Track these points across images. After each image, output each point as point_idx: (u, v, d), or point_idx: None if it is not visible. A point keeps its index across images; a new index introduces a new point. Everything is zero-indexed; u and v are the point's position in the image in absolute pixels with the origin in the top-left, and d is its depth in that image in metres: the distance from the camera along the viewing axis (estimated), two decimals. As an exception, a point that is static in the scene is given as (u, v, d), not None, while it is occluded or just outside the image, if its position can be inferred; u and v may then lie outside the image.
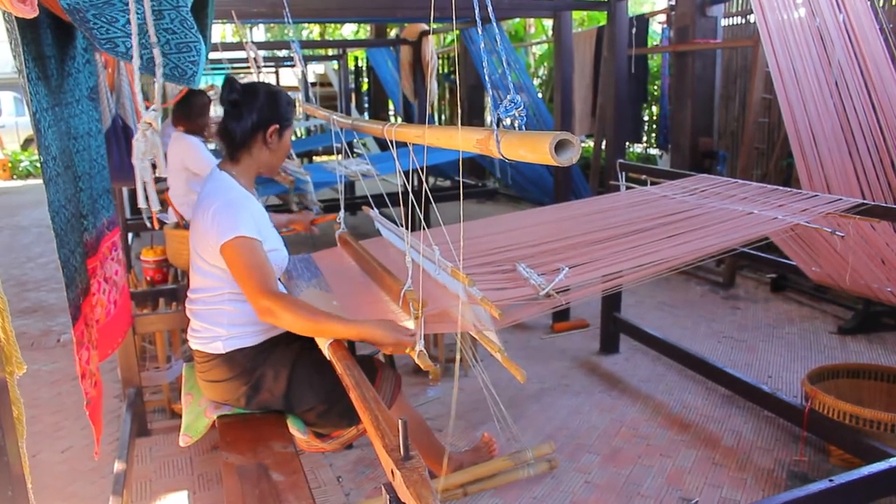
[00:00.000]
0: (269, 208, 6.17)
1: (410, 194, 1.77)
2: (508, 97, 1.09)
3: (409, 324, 1.96)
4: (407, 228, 2.06)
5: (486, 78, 1.23)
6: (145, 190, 1.25)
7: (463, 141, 1.28)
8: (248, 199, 2.19)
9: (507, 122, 1.13)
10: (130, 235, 6.39)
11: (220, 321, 2.21)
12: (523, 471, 2.67)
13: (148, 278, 4.20)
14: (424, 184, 1.85)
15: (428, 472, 1.34)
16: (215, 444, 3.11)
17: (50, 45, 1.89)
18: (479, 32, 1.22)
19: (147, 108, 1.27)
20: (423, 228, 2.12)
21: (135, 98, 3.05)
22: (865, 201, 2.51)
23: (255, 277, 2.01)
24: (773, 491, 2.76)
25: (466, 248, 2.34)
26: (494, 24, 1.15)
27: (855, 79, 3.18)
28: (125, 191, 5.40)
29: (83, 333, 1.83)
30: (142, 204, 1.26)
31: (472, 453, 2.69)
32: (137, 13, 1.47)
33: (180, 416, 2.41)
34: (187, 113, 4.04)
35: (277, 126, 2.23)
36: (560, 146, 1.00)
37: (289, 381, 2.22)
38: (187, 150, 3.89)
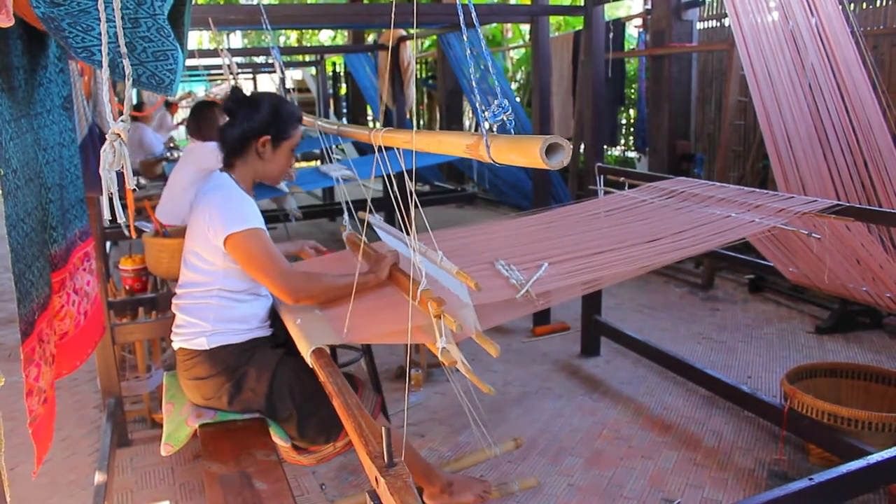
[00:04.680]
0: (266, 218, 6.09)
1: (394, 198, 1.78)
2: (496, 102, 1.10)
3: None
4: (408, 232, 2.06)
5: (472, 83, 1.24)
6: (111, 202, 1.24)
7: (452, 146, 1.28)
8: (247, 198, 2.27)
9: (487, 125, 1.13)
10: (108, 244, 6.33)
11: (206, 316, 2.24)
12: (489, 450, 2.81)
13: (127, 287, 4.16)
14: (411, 188, 1.85)
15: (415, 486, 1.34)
16: (197, 454, 3.09)
17: (19, 55, 1.86)
18: (465, 39, 1.23)
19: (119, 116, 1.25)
20: (414, 234, 2.12)
21: (112, 106, 3.02)
22: (840, 202, 2.54)
23: (273, 264, 2.15)
24: (755, 490, 2.78)
25: (448, 251, 2.34)
26: (478, 29, 1.15)
27: (828, 81, 3.22)
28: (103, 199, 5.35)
29: (34, 350, 1.78)
30: (107, 216, 1.25)
31: (465, 482, 2.54)
32: (113, 22, 1.46)
33: (161, 426, 2.40)
34: (196, 126, 4.15)
35: (269, 138, 2.29)
36: (551, 150, 1.01)
37: (271, 383, 2.23)
38: (205, 153, 3.92)
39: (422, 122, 11.30)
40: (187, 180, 4.05)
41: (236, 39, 17.05)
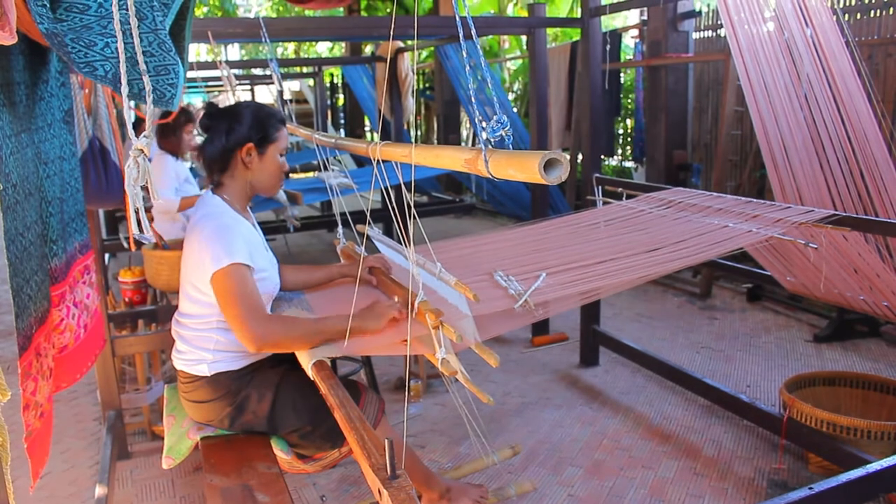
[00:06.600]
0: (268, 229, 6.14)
1: (392, 210, 1.78)
2: (495, 118, 1.11)
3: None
4: (408, 244, 2.06)
5: (470, 95, 1.24)
6: (138, 216, 1.24)
7: (451, 160, 1.28)
8: (238, 223, 2.19)
9: (484, 136, 1.14)
10: (107, 256, 6.33)
11: (206, 346, 2.19)
12: (487, 459, 2.81)
13: (126, 299, 4.16)
14: (410, 200, 1.85)
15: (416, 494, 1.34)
16: (198, 466, 3.09)
17: (21, 70, 1.87)
18: (465, 54, 1.24)
19: (138, 133, 1.26)
20: (411, 244, 2.13)
21: (112, 120, 3.03)
22: (837, 212, 2.56)
23: (242, 307, 2.00)
24: (754, 500, 2.79)
25: (447, 263, 2.35)
26: (476, 42, 1.16)
27: (823, 92, 3.24)
28: (101, 212, 5.37)
29: (31, 364, 1.78)
30: (135, 231, 1.26)
31: (462, 488, 2.55)
32: (115, 38, 1.47)
33: (161, 438, 2.39)
34: (162, 131, 4.10)
35: (252, 144, 2.20)
36: (549, 165, 1.02)
37: (273, 403, 2.21)
38: (154, 168, 3.93)
39: (419, 133, 11.33)
40: (159, 205, 4.04)
41: (234, 51, 17.11)
